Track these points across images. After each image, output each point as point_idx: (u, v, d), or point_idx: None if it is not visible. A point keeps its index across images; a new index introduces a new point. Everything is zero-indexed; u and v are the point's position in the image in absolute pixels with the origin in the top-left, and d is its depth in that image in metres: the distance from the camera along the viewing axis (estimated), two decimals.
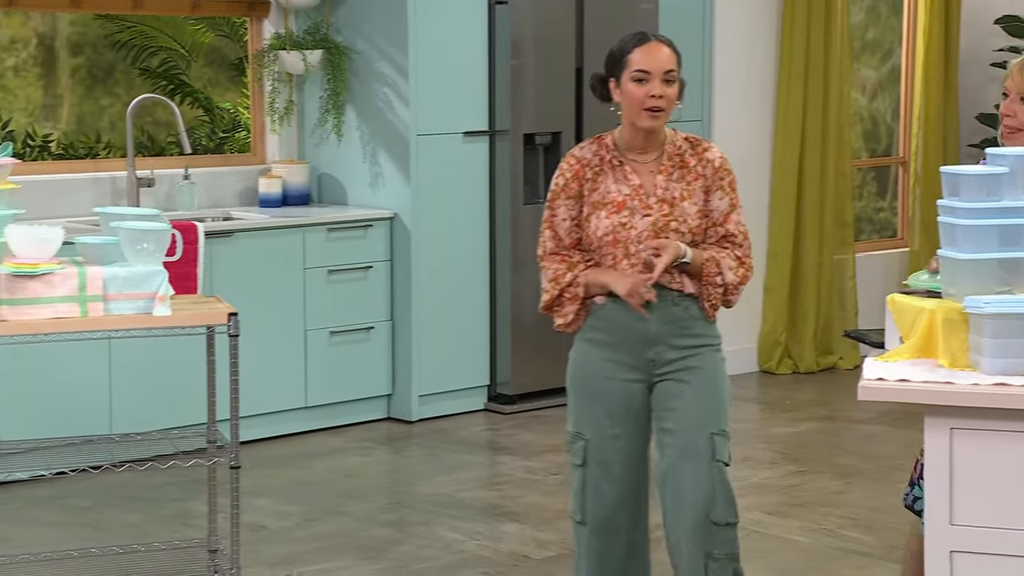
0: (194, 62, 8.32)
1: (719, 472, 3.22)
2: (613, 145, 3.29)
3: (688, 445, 3.21)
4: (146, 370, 5.47)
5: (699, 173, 3.26)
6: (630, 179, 3.25)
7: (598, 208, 3.25)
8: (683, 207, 3.23)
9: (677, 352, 3.25)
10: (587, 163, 3.28)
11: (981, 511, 2.80)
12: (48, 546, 4.47)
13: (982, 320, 2.85)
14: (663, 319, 3.23)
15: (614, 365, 3.26)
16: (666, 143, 3.28)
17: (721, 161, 3.29)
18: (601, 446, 3.26)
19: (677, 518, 3.23)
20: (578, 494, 3.31)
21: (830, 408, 6.51)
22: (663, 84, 3.22)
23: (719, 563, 3.20)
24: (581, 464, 3.28)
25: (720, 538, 3.20)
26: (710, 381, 3.27)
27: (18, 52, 7.59)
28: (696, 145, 3.30)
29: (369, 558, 4.52)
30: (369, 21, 6.20)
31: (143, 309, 3.79)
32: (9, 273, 3.66)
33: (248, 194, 6.34)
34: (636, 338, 3.23)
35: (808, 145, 7.20)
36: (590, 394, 3.28)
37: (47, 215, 5.68)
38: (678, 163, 3.27)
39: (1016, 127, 3.32)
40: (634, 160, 3.27)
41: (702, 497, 3.19)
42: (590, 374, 3.28)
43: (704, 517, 3.19)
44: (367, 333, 6.11)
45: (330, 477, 5.41)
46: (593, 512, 3.28)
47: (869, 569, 4.43)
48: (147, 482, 5.20)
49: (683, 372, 3.25)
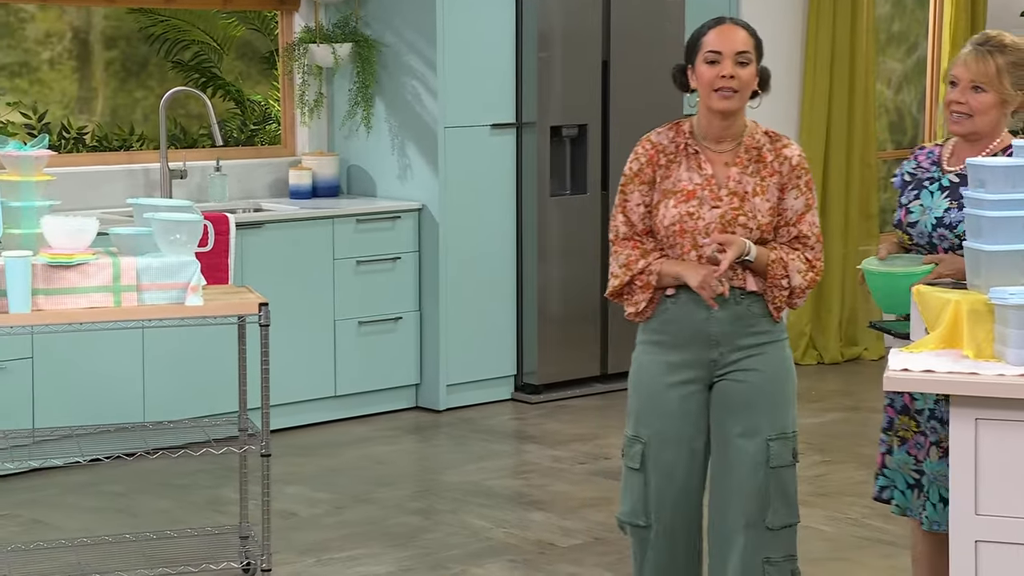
0: (226, 55, 8.34)
1: (776, 477, 3.15)
2: (690, 132, 3.17)
3: (743, 451, 3.15)
4: (178, 359, 5.49)
5: (775, 169, 3.15)
6: (703, 168, 3.14)
7: (667, 196, 3.14)
8: (754, 202, 3.13)
9: (741, 352, 3.16)
10: (662, 149, 3.17)
11: (1006, 501, 2.79)
12: (83, 531, 4.50)
13: (1007, 311, 2.84)
14: (726, 318, 3.13)
15: (677, 368, 3.16)
16: (744, 135, 3.17)
17: (799, 159, 3.18)
18: (660, 449, 3.17)
19: (727, 526, 3.16)
20: (634, 498, 3.20)
21: (855, 399, 6.49)
22: (736, 65, 3.10)
23: (776, 566, 3.15)
24: (638, 468, 3.18)
25: (778, 542, 3.15)
26: (770, 382, 3.18)
27: (53, 46, 7.63)
28: (776, 140, 3.19)
29: (397, 545, 4.53)
30: (398, 14, 6.20)
31: (176, 299, 3.81)
32: (45, 263, 3.69)
33: (278, 186, 6.35)
34: (700, 338, 3.14)
35: (834, 137, 7.17)
36: (651, 397, 3.18)
37: (82, 206, 5.71)
38: (755, 156, 3.15)
39: (966, 113, 3.28)
40: (709, 149, 3.16)
41: (756, 504, 3.13)
42: (652, 376, 3.19)
43: (758, 523, 3.13)
44: (395, 323, 6.12)
45: (359, 465, 5.43)
46: (652, 515, 3.18)
47: (893, 558, 4.41)
48: (179, 469, 5.23)
49: (742, 373, 3.16)
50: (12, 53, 7.46)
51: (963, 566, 2.82)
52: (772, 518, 3.14)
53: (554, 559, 4.39)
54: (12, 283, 3.61)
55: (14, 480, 5.13)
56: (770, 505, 3.14)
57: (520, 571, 4.30)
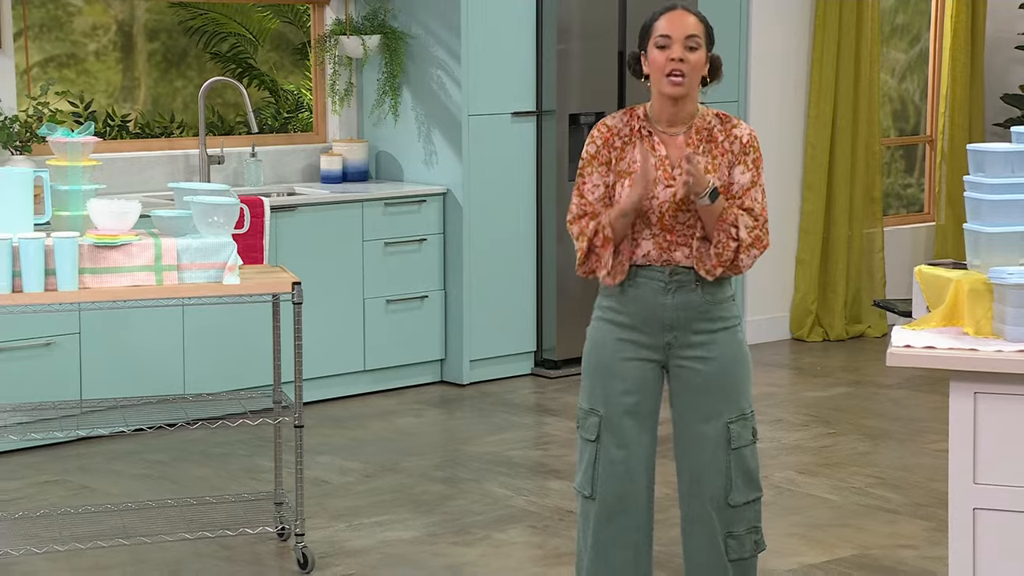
0: (261, 47, 8.33)
1: (738, 457, 3.12)
2: (644, 116, 3.15)
3: (704, 436, 3.11)
4: (216, 335, 5.51)
5: (726, 149, 3.11)
6: (657, 150, 3.11)
7: (623, 177, 3.11)
8: None
9: (696, 336, 3.11)
10: (617, 132, 3.14)
11: (1003, 470, 2.78)
12: (128, 496, 4.53)
13: (1006, 290, 2.82)
14: (681, 305, 3.09)
15: (631, 345, 3.12)
16: (696, 117, 3.14)
17: (749, 138, 3.12)
18: (616, 423, 3.13)
19: (693, 505, 3.14)
20: (589, 469, 3.17)
21: (859, 374, 6.47)
22: (685, 50, 3.05)
23: (738, 539, 3.13)
24: (594, 439, 3.14)
25: (740, 516, 3.12)
26: (727, 367, 3.13)
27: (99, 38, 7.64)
28: (726, 121, 3.14)
29: (424, 512, 4.54)
30: (424, 7, 6.19)
31: (214, 278, 3.81)
32: (91, 244, 3.70)
33: (310, 171, 6.36)
34: (655, 321, 3.10)
35: (839, 125, 7.13)
36: (606, 372, 3.14)
37: (125, 190, 5.72)
38: (706, 137, 3.12)
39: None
40: (663, 132, 3.13)
41: (720, 485, 3.10)
42: (607, 352, 3.14)
43: (722, 503, 3.11)
44: (421, 302, 6.13)
45: (387, 436, 5.44)
46: (604, 487, 3.15)
47: (896, 525, 4.41)
48: (218, 439, 5.25)
49: (699, 361, 3.11)
50: (60, 45, 7.48)
51: (962, 532, 2.82)
52: (735, 496, 3.11)
53: (571, 525, 4.39)
54: (61, 262, 3.63)
55: (63, 448, 5.16)
56: (732, 485, 3.11)
57: (539, 536, 4.31)
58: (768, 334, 7.13)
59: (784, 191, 7.06)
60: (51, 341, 5.14)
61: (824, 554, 4.16)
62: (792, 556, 4.15)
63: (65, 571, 4.00)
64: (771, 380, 6.36)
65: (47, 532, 4.07)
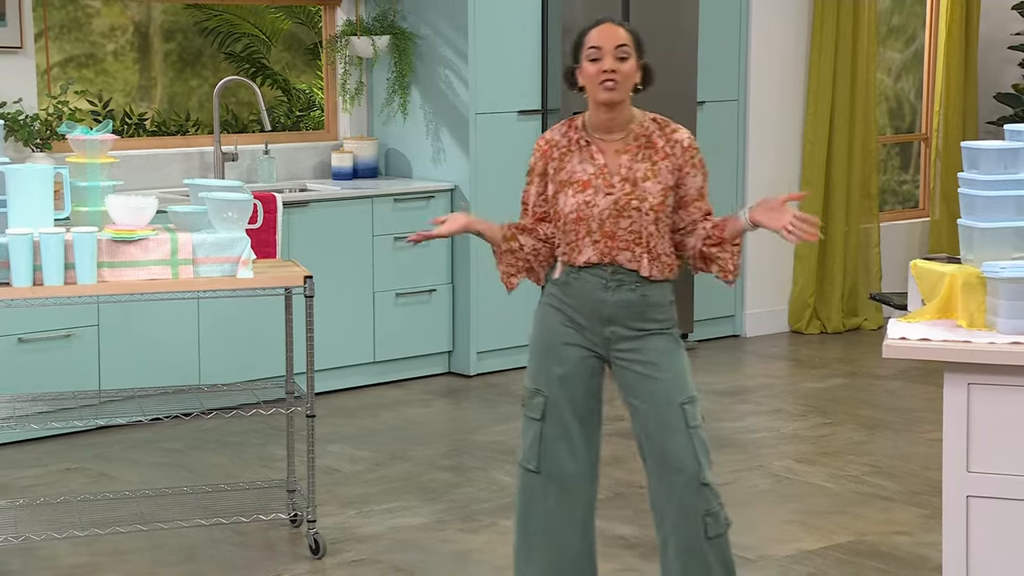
0: (273, 47, 8.34)
1: (697, 436, 3.12)
2: (582, 127, 3.19)
3: (662, 420, 3.11)
4: (231, 327, 5.51)
5: (667, 153, 3.13)
6: (595, 159, 3.14)
7: (565, 187, 3.15)
8: (645, 187, 3.10)
9: (632, 332, 3.12)
10: (555, 144, 3.19)
11: (995, 459, 2.78)
12: (145, 484, 4.53)
13: (999, 284, 2.82)
14: (619, 303, 3.11)
15: (573, 331, 3.15)
16: (633, 123, 3.16)
17: (690, 142, 3.16)
18: (558, 404, 3.15)
19: (668, 488, 3.12)
20: (534, 445, 3.18)
21: (855, 365, 6.47)
22: (616, 60, 3.09)
23: (714, 516, 3.12)
24: (539, 419, 3.17)
25: (712, 493, 3.12)
26: (667, 361, 3.13)
27: (117, 39, 7.65)
28: (665, 126, 3.17)
29: (431, 499, 4.54)
30: (433, 8, 6.18)
31: (228, 272, 3.82)
32: (109, 239, 3.71)
33: (322, 168, 6.36)
34: (595, 315, 3.13)
35: (837, 123, 7.12)
36: (550, 355, 3.16)
37: (142, 186, 5.73)
38: (644, 143, 3.14)
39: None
40: (601, 140, 3.16)
41: (690, 465, 3.09)
42: (550, 336, 3.17)
43: (694, 482, 3.10)
44: (429, 295, 6.13)
45: (396, 425, 5.45)
46: (548, 463, 3.16)
47: (890, 512, 4.41)
48: (232, 428, 5.26)
49: (639, 364, 3.12)
50: (80, 46, 7.48)
51: (955, 519, 2.82)
52: (704, 474, 3.11)
53: None
54: (80, 256, 3.63)
55: (82, 437, 5.17)
56: (700, 464, 3.11)
57: None
58: (767, 327, 7.13)
59: (783, 187, 7.05)
60: (71, 333, 5.15)
61: (821, 540, 4.16)
62: (790, 542, 4.15)
63: (85, 555, 4.01)
64: (770, 371, 6.36)
65: (67, 518, 4.08)
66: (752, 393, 5.87)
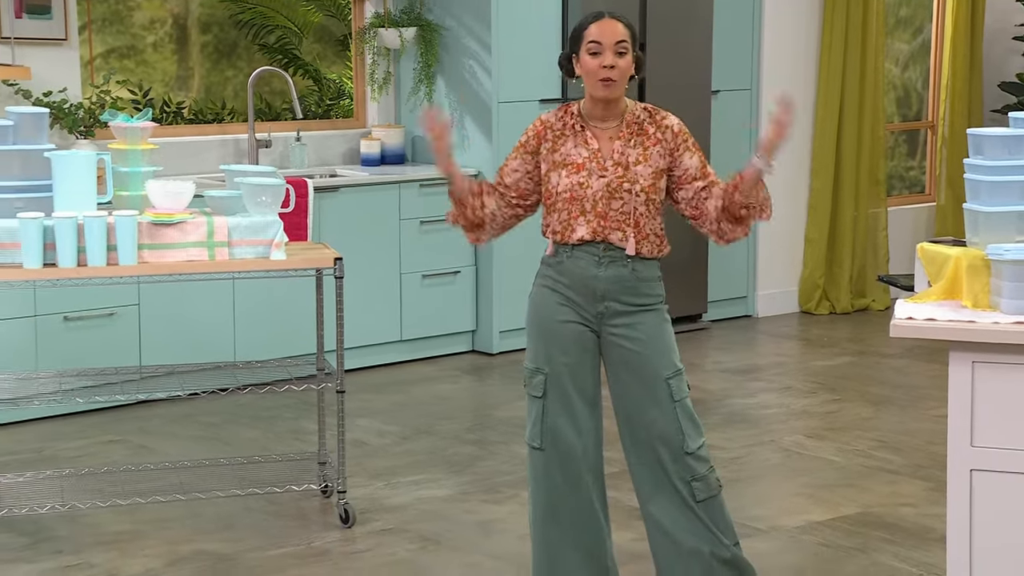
0: (305, 39, 8.34)
1: (682, 408, 3.13)
2: (578, 113, 3.21)
3: (649, 394, 3.12)
4: (264, 307, 5.53)
5: (659, 139, 3.16)
6: (590, 143, 3.16)
7: (559, 167, 3.16)
8: (636, 170, 3.13)
9: (624, 307, 3.14)
10: (551, 126, 3.20)
11: (999, 434, 2.77)
12: (184, 456, 4.56)
13: (1003, 266, 2.80)
14: (612, 278, 3.14)
15: (568, 309, 3.16)
16: (626, 112, 3.19)
17: (679, 127, 3.19)
18: (559, 380, 3.16)
19: (649, 462, 3.14)
20: (537, 423, 3.18)
21: (863, 344, 6.44)
22: (615, 56, 3.12)
23: (702, 480, 3.13)
24: (541, 396, 3.17)
25: (698, 460, 3.13)
26: (655, 337, 3.14)
27: (156, 31, 7.67)
28: (655, 114, 3.20)
29: (456, 472, 4.56)
30: (457, 2, 6.17)
31: (262, 254, 3.83)
32: (149, 222, 3.72)
33: (351, 154, 6.36)
34: (588, 292, 3.15)
35: (846, 111, 7.08)
36: (547, 333, 3.17)
37: (180, 172, 5.75)
38: (636, 130, 3.17)
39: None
40: (595, 126, 3.19)
41: (675, 438, 3.11)
42: (546, 315, 3.18)
43: (679, 453, 3.11)
44: (454, 276, 6.13)
45: (422, 401, 5.46)
46: (553, 439, 3.16)
47: (896, 484, 4.40)
48: (265, 403, 5.28)
49: (628, 340, 3.13)
50: (121, 37, 7.51)
51: (959, 491, 2.81)
52: (689, 443, 3.12)
53: None
54: (121, 239, 3.65)
55: (124, 411, 5.21)
56: (684, 434, 3.12)
57: None
58: (778, 307, 7.11)
59: (793, 174, 7.02)
60: (113, 312, 5.18)
61: (829, 512, 4.16)
62: (800, 514, 4.15)
63: (127, 523, 4.04)
64: (781, 350, 6.35)
65: (111, 487, 4.11)
66: (764, 371, 5.86)
